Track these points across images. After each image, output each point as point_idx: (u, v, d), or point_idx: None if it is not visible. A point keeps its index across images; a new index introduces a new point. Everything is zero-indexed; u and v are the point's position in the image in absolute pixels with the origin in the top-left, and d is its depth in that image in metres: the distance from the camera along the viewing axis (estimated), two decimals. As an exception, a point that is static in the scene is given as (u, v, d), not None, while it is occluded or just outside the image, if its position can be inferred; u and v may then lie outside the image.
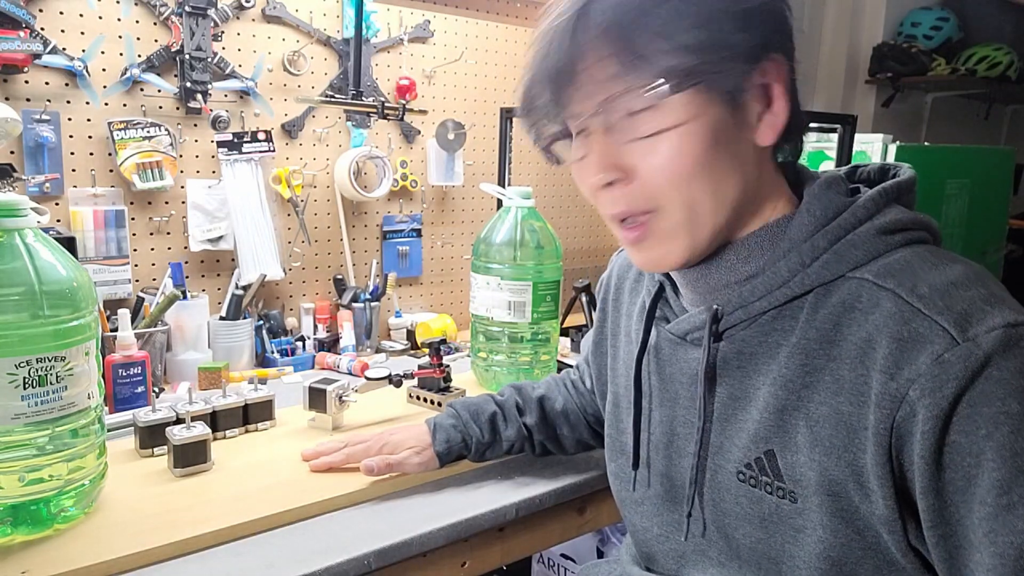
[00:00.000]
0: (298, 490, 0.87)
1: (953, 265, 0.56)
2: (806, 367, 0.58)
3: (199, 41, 1.34)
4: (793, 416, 0.58)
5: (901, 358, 0.52)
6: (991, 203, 1.93)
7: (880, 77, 2.89)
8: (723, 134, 0.58)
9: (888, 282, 0.55)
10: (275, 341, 1.46)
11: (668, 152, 0.58)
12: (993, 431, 0.49)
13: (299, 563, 0.74)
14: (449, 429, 0.92)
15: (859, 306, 0.56)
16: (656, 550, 0.73)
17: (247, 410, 1.05)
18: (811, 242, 0.60)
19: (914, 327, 0.52)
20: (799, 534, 0.58)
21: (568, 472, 0.98)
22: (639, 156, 0.59)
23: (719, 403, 0.65)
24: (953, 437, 0.50)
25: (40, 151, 1.24)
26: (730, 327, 0.64)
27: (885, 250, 0.58)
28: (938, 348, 0.50)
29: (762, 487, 0.60)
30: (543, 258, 1.25)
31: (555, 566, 1.68)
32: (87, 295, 0.78)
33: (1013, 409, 0.48)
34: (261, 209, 1.45)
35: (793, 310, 0.60)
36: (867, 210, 0.60)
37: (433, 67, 1.67)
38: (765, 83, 0.59)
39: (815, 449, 0.57)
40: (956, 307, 0.52)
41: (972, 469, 0.49)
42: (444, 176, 1.72)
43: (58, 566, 0.70)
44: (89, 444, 0.79)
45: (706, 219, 0.60)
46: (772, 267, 0.61)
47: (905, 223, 0.59)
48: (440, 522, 0.84)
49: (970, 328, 0.50)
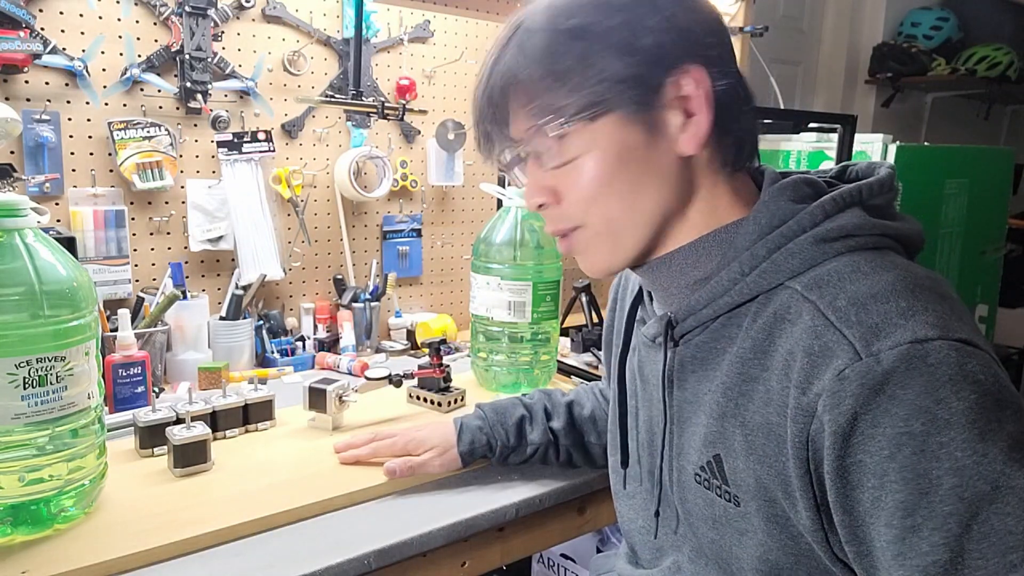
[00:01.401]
0: (298, 490, 0.87)
1: (884, 274, 0.54)
2: (742, 376, 0.59)
3: (199, 41, 1.34)
4: (731, 423, 0.59)
5: (812, 372, 0.52)
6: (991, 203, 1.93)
7: (880, 77, 2.89)
8: (633, 152, 0.61)
9: (812, 294, 0.55)
10: (275, 341, 1.46)
11: (581, 177, 0.63)
12: (895, 452, 0.48)
13: (299, 563, 0.74)
14: (475, 431, 0.93)
15: (788, 317, 0.56)
16: (638, 543, 0.76)
17: (247, 410, 1.05)
18: (752, 250, 0.60)
19: (824, 341, 0.52)
20: (743, 536, 0.60)
21: (568, 472, 0.98)
22: (562, 181, 0.64)
23: (677, 406, 0.66)
24: (858, 456, 0.49)
25: (40, 151, 1.24)
26: (685, 333, 0.65)
27: (822, 259, 0.58)
28: (840, 363, 0.50)
29: (713, 489, 0.62)
30: (543, 258, 1.25)
31: (555, 566, 1.68)
32: (87, 295, 0.78)
33: (916, 429, 0.47)
34: (261, 209, 1.45)
35: (739, 317, 0.61)
36: (812, 217, 0.59)
37: (433, 67, 1.67)
38: (682, 96, 0.60)
39: (750, 457, 0.57)
40: (868, 320, 0.51)
41: (877, 491, 0.49)
42: (444, 176, 1.72)
43: (58, 566, 0.70)
44: (89, 444, 0.79)
45: (626, 231, 0.64)
46: (717, 274, 0.62)
47: (850, 229, 0.58)
48: (440, 522, 0.84)
49: (875, 343, 0.50)
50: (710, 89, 0.60)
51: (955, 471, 0.46)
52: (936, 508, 0.47)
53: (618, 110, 0.60)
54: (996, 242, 1.99)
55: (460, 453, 0.92)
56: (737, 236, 0.63)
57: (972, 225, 1.74)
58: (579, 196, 0.63)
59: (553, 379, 1.34)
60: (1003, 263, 2.09)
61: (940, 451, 0.47)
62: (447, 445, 0.93)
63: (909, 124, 3.19)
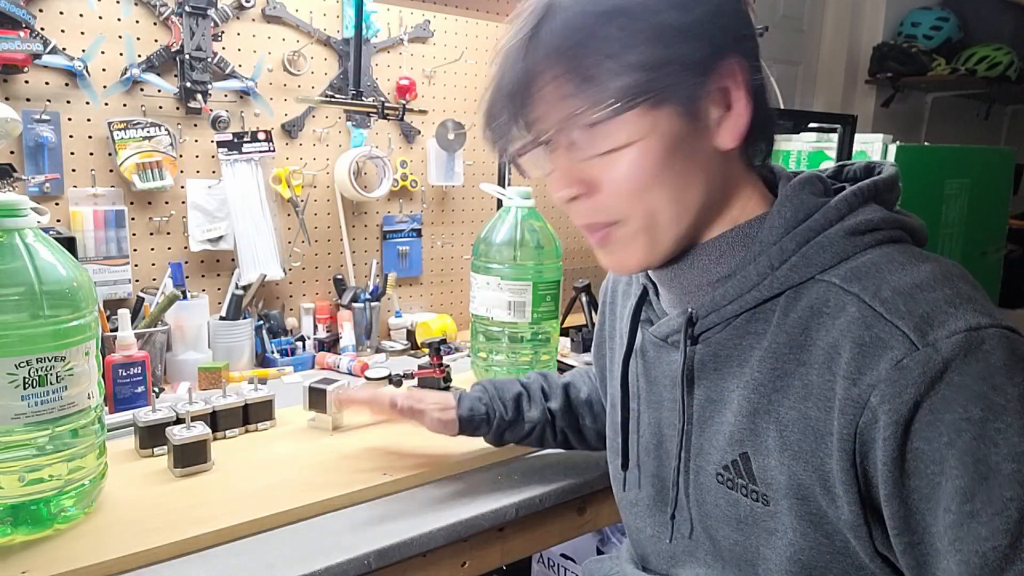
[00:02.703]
0: (298, 490, 0.87)
1: (921, 265, 0.55)
2: (776, 371, 0.58)
3: (199, 41, 1.34)
4: (764, 420, 0.59)
5: (863, 363, 0.52)
6: (991, 203, 1.93)
7: (880, 77, 2.89)
8: (680, 144, 0.59)
9: (853, 286, 0.55)
10: (275, 341, 1.46)
11: (626, 167, 0.59)
12: (955, 438, 0.48)
13: (299, 563, 0.74)
14: (474, 400, 0.92)
15: (826, 310, 0.56)
16: (649, 550, 0.74)
17: (247, 410, 1.05)
18: (780, 244, 0.60)
19: (875, 332, 0.52)
20: (772, 536, 0.59)
21: (568, 472, 0.98)
22: (600, 171, 0.60)
23: (698, 405, 0.65)
24: (916, 444, 0.50)
25: (40, 151, 1.24)
26: (706, 330, 0.64)
27: (854, 252, 0.58)
28: (897, 353, 0.50)
29: (738, 489, 0.61)
30: (543, 258, 1.25)
31: (555, 566, 1.68)
32: (87, 295, 0.78)
33: (975, 415, 0.48)
34: (261, 209, 1.45)
35: (766, 313, 0.60)
36: (838, 211, 0.59)
37: (433, 67, 1.67)
38: (723, 87, 0.59)
39: (784, 453, 0.57)
40: (918, 311, 0.51)
41: (936, 477, 0.49)
42: (444, 176, 1.72)
43: (58, 566, 0.70)
44: (89, 444, 0.79)
45: (667, 226, 0.61)
46: (743, 270, 0.61)
47: (877, 223, 0.59)
48: (440, 522, 0.84)
49: (930, 332, 0.50)
50: (749, 82, 0.59)
51: (1014, 456, 0.47)
52: (995, 493, 0.47)
53: (670, 98, 0.57)
54: (996, 242, 1.99)
55: (459, 416, 0.91)
56: (760, 231, 0.62)
57: (972, 225, 1.74)
58: (623, 188, 0.60)
59: (553, 379, 1.34)
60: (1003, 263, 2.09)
61: (998, 436, 0.47)
62: (447, 404, 0.92)
63: (909, 124, 3.19)
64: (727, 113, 0.59)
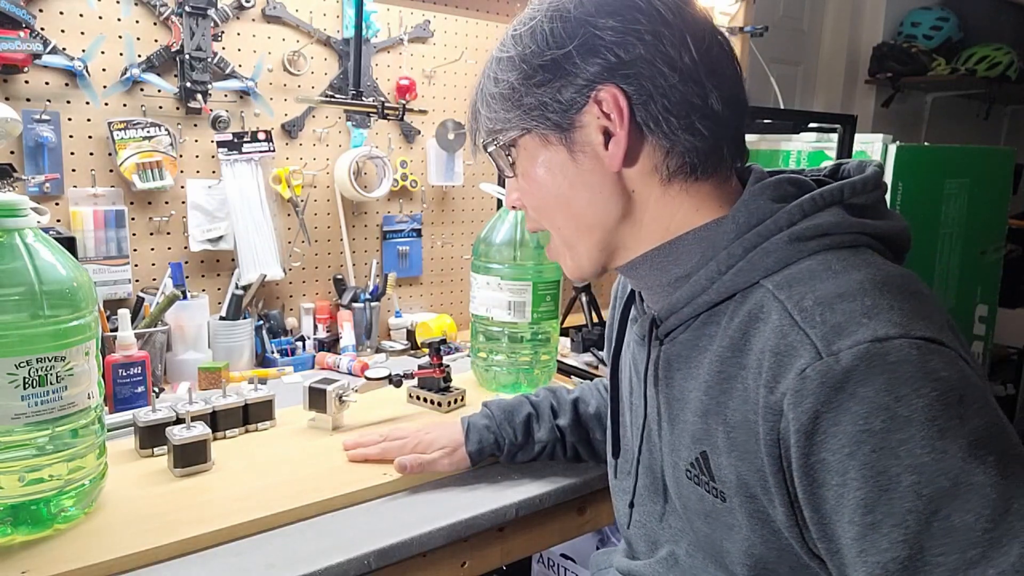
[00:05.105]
0: (298, 490, 0.87)
1: (854, 273, 0.55)
2: (722, 374, 0.59)
3: (199, 41, 1.34)
4: (715, 420, 0.60)
5: (778, 371, 0.53)
6: (991, 203, 1.93)
7: (880, 77, 2.89)
8: (562, 170, 0.66)
9: (782, 293, 0.56)
10: (275, 341, 1.46)
11: (525, 190, 0.70)
12: (855, 450, 0.48)
13: (299, 563, 0.74)
14: (482, 430, 0.94)
15: (761, 316, 0.57)
16: (633, 535, 0.77)
17: (247, 410, 1.05)
18: (729, 249, 0.61)
19: (789, 340, 0.53)
20: (731, 531, 0.61)
21: (568, 472, 0.98)
22: (521, 190, 0.71)
23: (666, 403, 0.67)
24: (821, 455, 0.50)
25: (40, 151, 1.24)
26: (670, 331, 0.66)
27: (796, 258, 0.58)
28: (803, 362, 0.51)
29: (703, 485, 0.63)
30: (543, 258, 1.25)
31: (555, 566, 1.68)
32: (87, 295, 0.78)
33: (876, 426, 0.48)
34: (261, 209, 1.45)
35: (718, 315, 0.62)
36: (790, 216, 0.60)
37: (433, 67, 1.67)
38: (601, 115, 0.62)
39: (731, 454, 0.58)
40: (831, 320, 0.52)
41: (839, 488, 0.49)
42: (444, 176, 1.72)
43: (58, 566, 0.70)
44: (89, 444, 0.79)
45: (577, 241, 0.68)
46: (696, 273, 0.63)
47: (827, 228, 0.59)
48: (440, 522, 0.84)
49: (836, 342, 0.50)
50: (627, 108, 0.61)
51: (914, 468, 0.47)
52: (895, 505, 0.47)
53: (537, 131, 0.65)
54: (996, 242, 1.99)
55: (469, 452, 0.93)
56: (716, 235, 0.63)
57: (972, 225, 1.74)
58: (531, 203, 0.70)
59: (553, 379, 1.34)
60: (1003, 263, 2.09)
61: (899, 448, 0.47)
62: (456, 445, 0.94)
63: (909, 124, 3.19)
64: (611, 139, 0.63)
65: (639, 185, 0.65)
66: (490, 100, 0.67)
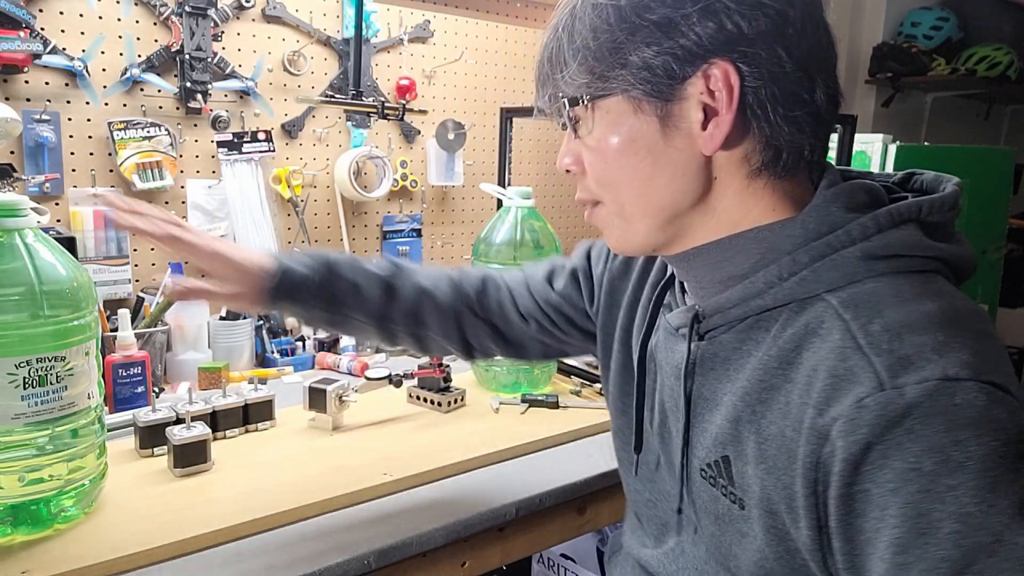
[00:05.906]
0: (298, 490, 0.87)
1: (926, 303, 0.52)
2: (764, 383, 0.57)
3: (199, 41, 1.34)
4: (747, 429, 0.58)
5: (832, 395, 0.50)
6: (991, 203, 1.93)
7: (880, 77, 2.89)
8: (649, 143, 0.59)
9: (847, 312, 0.53)
10: (275, 341, 1.45)
11: (600, 154, 0.62)
12: (900, 487, 0.46)
13: (299, 563, 0.74)
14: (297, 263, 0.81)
15: (820, 331, 0.54)
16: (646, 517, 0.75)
17: (247, 410, 1.05)
18: (793, 256, 0.58)
19: (849, 365, 0.50)
20: (744, 538, 0.59)
21: (568, 472, 0.98)
22: (586, 153, 0.64)
23: (692, 400, 0.65)
24: (865, 485, 0.48)
25: (40, 151, 1.24)
26: (711, 328, 0.64)
27: (864, 276, 0.55)
28: (862, 391, 0.49)
29: (719, 488, 0.61)
30: (543, 258, 1.25)
31: (555, 566, 1.68)
32: (87, 295, 0.78)
33: (926, 467, 0.46)
34: (261, 209, 1.45)
35: (767, 321, 0.59)
36: (864, 230, 0.56)
37: (433, 67, 1.67)
38: (705, 92, 0.57)
39: (760, 466, 0.56)
40: (899, 351, 0.49)
41: (877, 522, 0.48)
42: (444, 176, 1.71)
43: (58, 566, 0.70)
44: (89, 444, 0.79)
45: (636, 218, 0.63)
46: (753, 274, 0.60)
47: (900, 248, 0.56)
48: (440, 522, 0.84)
49: (902, 375, 0.48)
50: (739, 90, 0.56)
51: (958, 517, 0.45)
52: (930, 551, 0.45)
53: (632, 96, 0.58)
54: (996, 242, 1.99)
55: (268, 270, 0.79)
56: (781, 238, 0.60)
57: (972, 225, 1.74)
58: (596, 173, 0.63)
59: (553, 380, 1.34)
60: (1003, 263, 2.09)
61: (947, 494, 0.45)
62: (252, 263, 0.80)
63: (909, 124, 3.18)
64: (712, 119, 0.57)
65: (724, 173, 0.60)
66: (585, 53, 0.59)
